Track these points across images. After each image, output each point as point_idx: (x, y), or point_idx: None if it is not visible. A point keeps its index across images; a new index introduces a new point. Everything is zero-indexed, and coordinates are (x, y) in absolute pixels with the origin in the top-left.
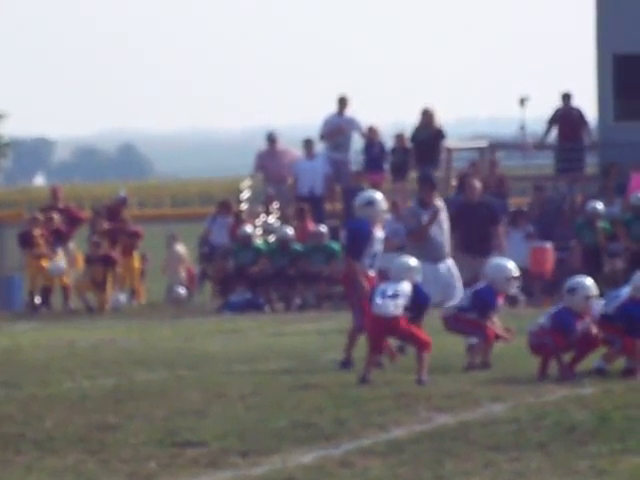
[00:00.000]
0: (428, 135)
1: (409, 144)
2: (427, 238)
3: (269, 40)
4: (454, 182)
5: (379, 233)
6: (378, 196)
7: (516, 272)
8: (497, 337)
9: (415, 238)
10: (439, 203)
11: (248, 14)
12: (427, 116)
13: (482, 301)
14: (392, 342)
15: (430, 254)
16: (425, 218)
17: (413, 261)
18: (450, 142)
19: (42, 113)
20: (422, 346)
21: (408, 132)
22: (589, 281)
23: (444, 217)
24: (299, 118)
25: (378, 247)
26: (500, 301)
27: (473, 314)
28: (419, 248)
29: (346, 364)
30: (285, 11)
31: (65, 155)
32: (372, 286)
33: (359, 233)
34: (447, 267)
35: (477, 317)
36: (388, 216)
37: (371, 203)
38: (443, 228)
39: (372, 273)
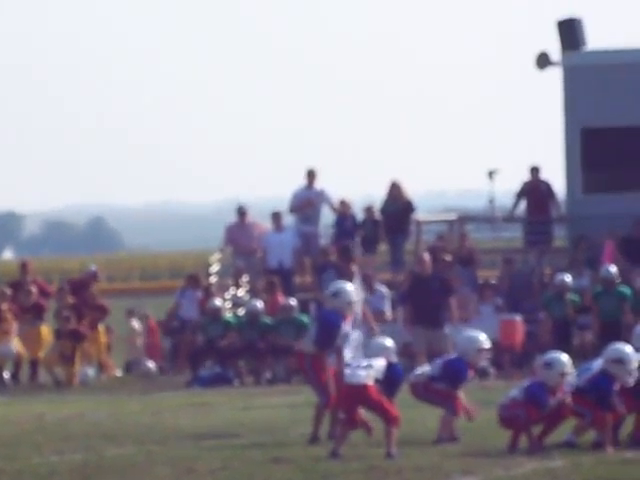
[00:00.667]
0: (397, 207)
1: (379, 216)
2: None
3: (238, 114)
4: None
5: (347, 327)
6: (347, 287)
7: (487, 344)
8: (464, 411)
9: None
10: (355, 269)
11: (218, 88)
12: (395, 189)
13: (453, 372)
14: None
15: None
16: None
17: (389, 341)
18: (419, 215)
19: (10, 187)
20: (391, 420)
21: (378, 205)
22: (565, 357)
23: (360, 287)
24: (268, 191)
25: (342, 341)
26: (471, 373)
27: (442, 384)
28: None
29: (313, 440)
30: (254, 85)
31: (34, 229)
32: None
33: (329, 325)
34: (356, 335)
35: (446, 387)
36: (355, 307)
37: (337, 294)
38: (358, 298)
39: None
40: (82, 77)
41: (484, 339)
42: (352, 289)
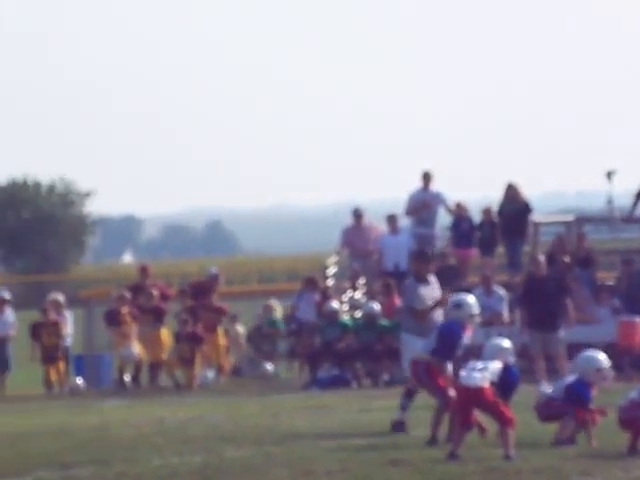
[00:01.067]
0: (514, 209)
1: (496, 218)
2: (429, 318)
3: (353, 116)
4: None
5: (466, 338)
6: (469, 299)
7: (607, 363)
8: (584, 424)
9: (419, 317)
10: (433, 278)
11: (335, 91)
12: (512, 190)
13: (576, 396)
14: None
15: (427, 332)
16: (424, 294)
17: (506, 343)
18: (537, 216)
19: (130, 191)
20: (506, 422)
21: (495, 206)
22: None
23: (438, 293)
24: (384, 193)
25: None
26: (594, 392)
27: (566, 407)
28: (417, 325)
29: (432, 442)
30: (372, 88)
31: (153, 232)
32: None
33: (451, 336)
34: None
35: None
36: (477, 320)
37: (459, 306)
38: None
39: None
40: (197, 76)
41: (603, 358)
42: (474, 301)
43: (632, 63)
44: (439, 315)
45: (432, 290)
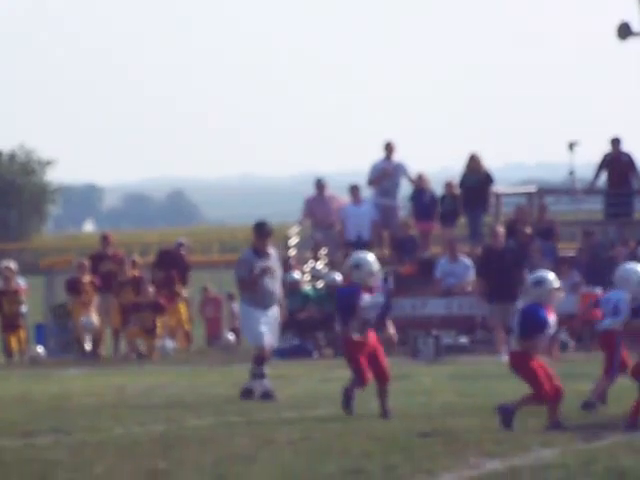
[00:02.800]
0: (476, 180)
1: (458, 191)
2: (259, 287)
3: (317, 87)
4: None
5: (367, 297)
6: (550, 275)
7: (557, 282)
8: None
9: (246, 287)
10: (272, 251)
11: (297, 60)
12: (474, 161)
13: (532, 317)
14: None
15: (261, 302)
16: (258, 266)
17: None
18: (498, 187)
19: (91, 160)
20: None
21: (456, 178)
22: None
23: (277, 266)
24: (347, 165)
25: (367, 315)
26: (552, 316)
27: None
28: (250, 295)
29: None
30: (333, 56)
31: (114, 202)
32: (372, 344)
33: (346, 300)
34: (274, 313)
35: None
36: (378, 277)
37: (540, 283)
38: (275, 277)
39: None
40: (159, 54)
41: (553, 278)
42: (554, 276)
43: (593, 35)
44: (274, 285)
45: (271, 264)
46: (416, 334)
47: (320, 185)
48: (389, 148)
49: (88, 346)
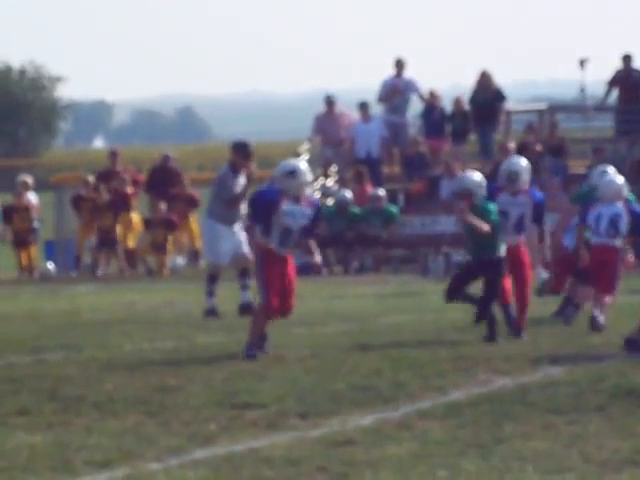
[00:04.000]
0: (487, 97)
1: (467, 107)
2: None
3: (327, 5)
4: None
5: (292, 207)
6: (302, 166)
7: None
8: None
9: (230, 205)
10: (253, 168)
11: None
12: (485, 78)
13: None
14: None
15: (230, 219)
16: (240, 183)
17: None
18: (509, 104)
19: (101, 76)
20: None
21: (466, 95)
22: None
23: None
24: (358, 82)
25: (290, 222)
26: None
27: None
28: (222, 212)
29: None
30: None
31: (124, 118)
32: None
33: (260, 200)
34: (238, 228)
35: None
36: (310, 190)
37: (292, 174)
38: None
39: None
40: None
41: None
42: (306, 168)
43: None
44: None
45: (244, 182)
46: (426, 252)
47: (330, 102)
48: (399, 65)
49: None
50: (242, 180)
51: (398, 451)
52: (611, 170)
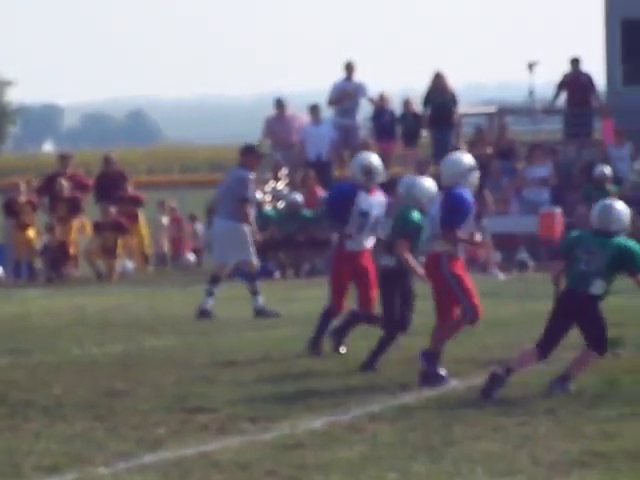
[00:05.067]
0: (444, 99)
1: (419, 109)
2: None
3: (278, 7)
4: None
5: (372, 199)
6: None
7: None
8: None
9: (248, 205)
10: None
11: None
12: (440, 80)
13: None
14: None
15: (243, 218)
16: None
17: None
18: (459, 107)
19: (51, 80)
20: None
21: (417, 97)
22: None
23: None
24: (308, 85)
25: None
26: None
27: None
28: (235, 212)
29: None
30: None
31: (74, 121)
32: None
33: (341, 197)
34: (249, 230)
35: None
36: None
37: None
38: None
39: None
40: None
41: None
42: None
43: None
44: None
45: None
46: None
47: (280, 105)
48: (349, 68)
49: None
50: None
51: (348, 454)
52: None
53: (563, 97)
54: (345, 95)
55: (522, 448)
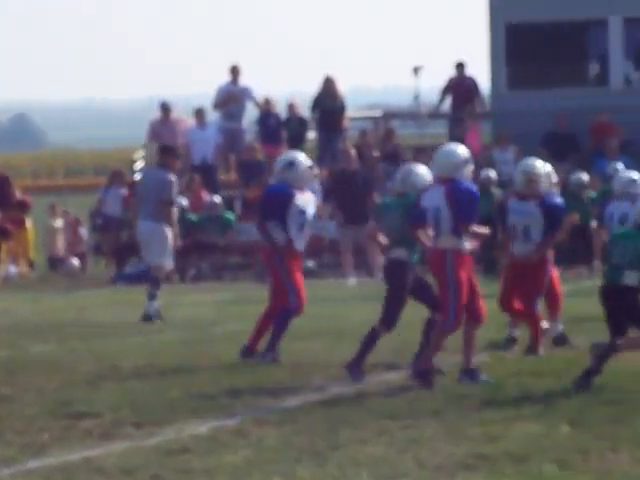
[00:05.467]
0: (334, 104)
1: (304, 113)
2: None
3: (164, 8)
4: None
5: (303, 198)
6: (300, 157)
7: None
8: None
9: (172, 207)
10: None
11: None
12: (330, 84)
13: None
14: None
15: (169, 220)
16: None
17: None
18: (346, 111)
19: None
20: None
21: (304, 101)
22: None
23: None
24: (193, 89)
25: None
26: None
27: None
28: (164, 214)
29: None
30: None
31: None
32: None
33: (274, 196)
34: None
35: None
36: (314, 178)
37: (292, 165)
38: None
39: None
40: None
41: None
42: (305, 158)
43: None
44: None
45: None
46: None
47: (165, 108)
48: (235, 71)
49: None
50: None
51: (233, 459)
52: None
53: (448, 101)
54: (231, 98)
55: (407, 451)
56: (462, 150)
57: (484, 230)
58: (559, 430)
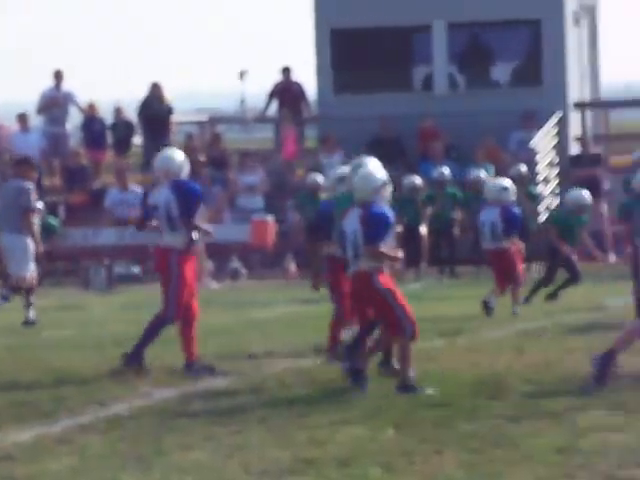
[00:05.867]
0: (160, 109)
1: (134, 118)
2: None
3: None
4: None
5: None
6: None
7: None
8: None
9: (31, 216)
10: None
11: None
12: (157, 90)
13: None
14: None
15: (29, 230)
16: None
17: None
18: (172, 116)
19: None
20: None
21: (131, 105)
22: None
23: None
24: (15, 94)
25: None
26: None
27: None
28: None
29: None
30: None
31: None
32: None
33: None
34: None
35: None
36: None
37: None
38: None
39: None
40: None
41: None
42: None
43: None
44: None
45: None
46: (88, 264)
47: None
48: (58, 76)
49: None
50: None
51: (57, 466)
52: None
53: (274, 106)
54: (54, 103)
55: (233, 457)
56: (380, 173)
57: (395, 252)
58: (384, 434)
